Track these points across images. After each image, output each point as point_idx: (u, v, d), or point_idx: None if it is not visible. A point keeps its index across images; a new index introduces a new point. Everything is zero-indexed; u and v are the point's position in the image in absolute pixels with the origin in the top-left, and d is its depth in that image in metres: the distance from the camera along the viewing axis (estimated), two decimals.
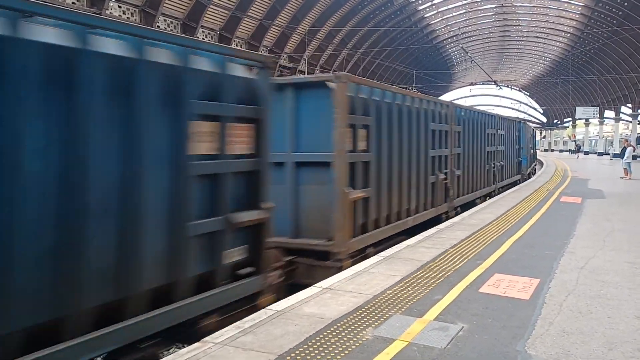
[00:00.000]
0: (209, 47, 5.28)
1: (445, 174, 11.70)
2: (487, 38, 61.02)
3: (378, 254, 7.62)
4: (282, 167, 7.37)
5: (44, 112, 3.53)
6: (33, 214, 3.46)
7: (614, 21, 40.57)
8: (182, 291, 4.60)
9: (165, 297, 4.45)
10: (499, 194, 16.92)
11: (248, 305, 5.41)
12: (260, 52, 30.43)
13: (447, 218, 11.58)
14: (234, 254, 5.26)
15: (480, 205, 13.73)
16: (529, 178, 24.57)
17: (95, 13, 21.99)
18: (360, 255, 7.86)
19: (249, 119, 5.49)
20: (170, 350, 4.86)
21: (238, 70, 5.40)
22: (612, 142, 55.93)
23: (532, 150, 30.41)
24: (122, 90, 4.05)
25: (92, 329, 3.80)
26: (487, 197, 15.90)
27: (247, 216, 5.32)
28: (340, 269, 6.95)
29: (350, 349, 4.12)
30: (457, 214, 12.32)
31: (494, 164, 16.49)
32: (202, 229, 4.81)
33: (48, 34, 3.58)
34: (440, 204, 11.42)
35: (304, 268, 7.35)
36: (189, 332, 4.75)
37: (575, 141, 66.43)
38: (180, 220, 4.55)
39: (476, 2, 49.01)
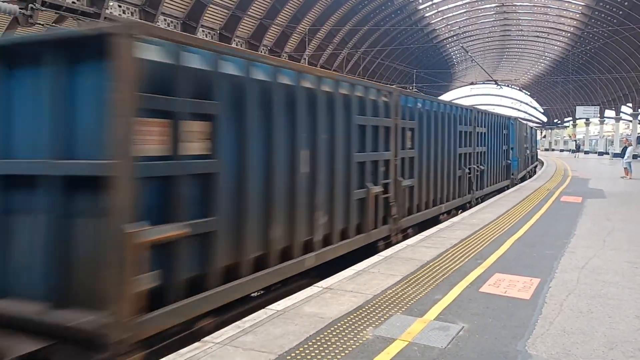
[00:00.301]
0: None
1: (385, 185, 8.47)
2: (487, 37, 60.98)
3: (378, 254, 7.60)
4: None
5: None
6: None
7: (615, 20, 40.53)
8: None
9: None
10: (477, 204, 13.89)
11: None
12: (260, 51, 30.48)
13: (388, 245, 8.48)
14: None
15: (481, 205, 13.71)
16: (523, 181, 22.03)
17: (95, 12, 22.00)
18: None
19: None
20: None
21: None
22: (612, 142, 55.89)
23: (528, 151, 27.59)
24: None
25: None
26: (461, 210, 12.80)
27: None
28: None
29: (350, 349, 4.12)
30: (406, 237, 9.31)
31: (469, 168, 13.36)
32: None
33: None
34: (373, 228, 8.09)
35: None
36: None
37: (575, 141, 66.40)
38: None
39: (476, 1, 48.97)
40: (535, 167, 32.89)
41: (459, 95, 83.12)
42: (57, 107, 4.18)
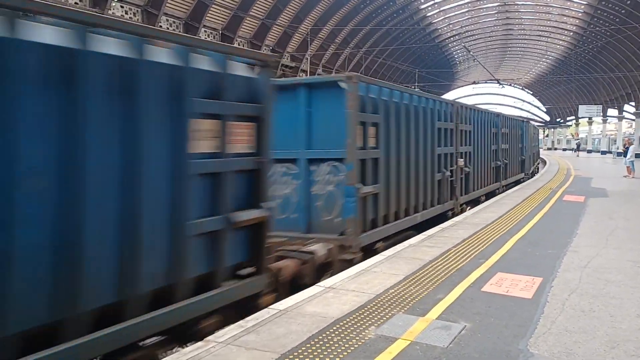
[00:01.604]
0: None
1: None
2: (489, 37, 60.87)
3: (381, 253, 7.63)
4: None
5: None
6: None
7: (617, 19, 40.43)
8: None
9: None
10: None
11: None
12: (263, 52, 30.46)
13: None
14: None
15: (483, 204, 13.72)
16: (515, 185, 20.01)
17: (97, 13, 22.02)
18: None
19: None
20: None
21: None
22: (615, 141, 55.75)
23: (521, 156, 23.13)
24: None
25: None
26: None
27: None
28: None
29: (352, 348, 4.13)
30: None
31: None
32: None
33: None
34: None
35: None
36: (190, 332, 4.75)
37: (577, 140, 66.29)
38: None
39: (479, 0, 48.91)
40: (537, 166, 32.58)
41: (462, 94, 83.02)
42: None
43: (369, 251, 7.91)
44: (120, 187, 3.97)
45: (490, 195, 16.20)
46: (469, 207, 13.44)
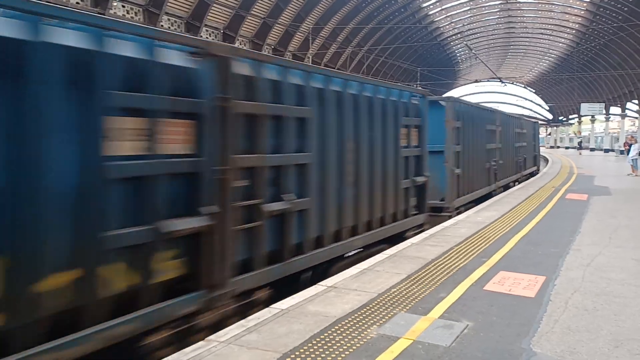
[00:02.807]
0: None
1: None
2: (491, 35, 60.70)
3: (383, 252, 7.62)
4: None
5: None
6: None
7: (620, 17, 40.27)
8: None
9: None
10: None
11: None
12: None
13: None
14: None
15: (486, 202, 13.69)
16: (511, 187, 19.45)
17: (99, 13, 22.03)
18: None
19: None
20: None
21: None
22: (617, 139, 55.56)
23: (520, 156, 22.00)
24: None
25: None
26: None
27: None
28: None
29: (354, 347, 4.12)
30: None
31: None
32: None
33: None
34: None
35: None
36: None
37: (580, 138, 66.09)
38: None
39: None
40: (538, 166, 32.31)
41: (464, 92, 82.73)
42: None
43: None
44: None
45: (483, 199, 14.78)
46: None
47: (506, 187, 18.42)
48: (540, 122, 63.32)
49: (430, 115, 10.27)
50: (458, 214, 11.79)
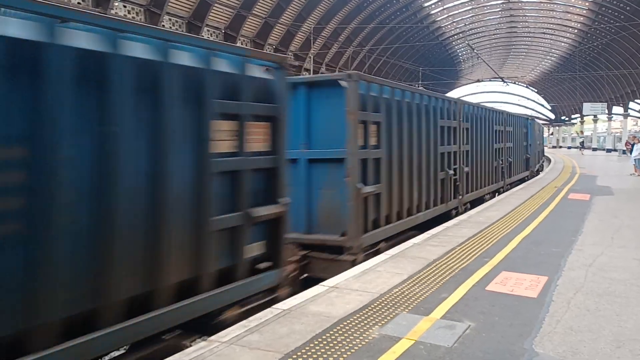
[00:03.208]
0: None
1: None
2: (493, 34, 60.66)
3: (385, 252, 7.61)
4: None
5: None
6: None
7: (622, 16, 40.19)
8: None
9: None
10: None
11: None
12: (271, 52, 30.43)
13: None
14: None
15: (487, 202, 13.67)
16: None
17: (100, 12, 22.05)
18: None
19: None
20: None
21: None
22: (620, 138, 55.48)
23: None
24: None
25: None
26: None
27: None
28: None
29: (356, 348, 4.11)
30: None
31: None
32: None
33: None
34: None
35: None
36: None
37: (583, 138, 66.01)
38: None
39: None
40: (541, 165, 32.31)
41: (466, 92, 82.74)
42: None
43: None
44: None
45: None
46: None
47: (480, 201, 14.12)
48: (542, 121, 63.21)
49: (322, 103, 7.56)
50: (370, 256, 7.63)
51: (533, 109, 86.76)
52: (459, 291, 5.62)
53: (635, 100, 53.06)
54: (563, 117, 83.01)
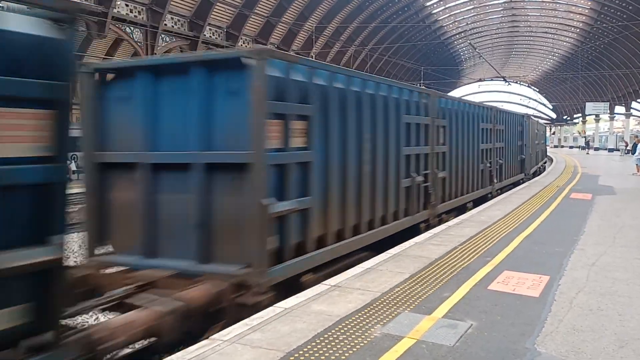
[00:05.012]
0: None
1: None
2: (495, 34, 60.61)
3: (386, 252, 7.58)
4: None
5: None
6: None
7: (624, 16, 40.12)
8: None
9: None
10: None
11: None
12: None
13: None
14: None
15: (490, 202, 13.65)
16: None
17: (102, 11, 22.07)
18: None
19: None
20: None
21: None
22: (622, 138, 55.40)
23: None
24: None
25: None
26: None
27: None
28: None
29: (358, 347, 4.11)
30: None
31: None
32: None
33: None
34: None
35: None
36: None
37: (584, 137, 65.93)
38: None
39: None
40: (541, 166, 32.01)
41: (467, 92, 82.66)
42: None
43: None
44: None
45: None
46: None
47: (463, 210, 12.24)
48: (544, 121, 63.14)
49: (223, 90, 5.65)
50: (292, 293, 5.61)
51: (535, 109, 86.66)
52: (460, 290, 5.62)
53: (638, 100, 52.99)
54: (565, 117, 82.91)
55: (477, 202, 13.52)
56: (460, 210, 12.12)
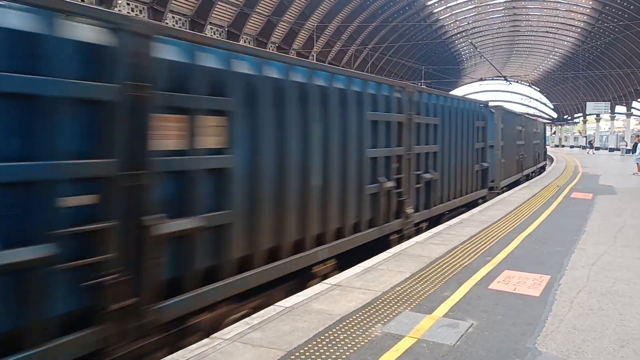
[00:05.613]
0: None
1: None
2: (496, 33, 60.50)
3: (387, 251, 7.60)
4: None
5: None
6: None
7: (626, 15, 40.06)
8: None
9: None
10: None
11: None
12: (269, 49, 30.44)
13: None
14: None
15: (490, 202, 13.65)
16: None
17: (103, 10, 22.01)
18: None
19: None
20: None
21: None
22: (623, 138, 55.32)
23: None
24: None
25: None
26: None
27: None
28: None
29: (359, 346, 4.11)
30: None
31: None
32: None
33: None
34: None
35: None
36: None
37: (585, 137, 65.89)
38: None
39: None
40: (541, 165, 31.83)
41: (469, 91, 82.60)
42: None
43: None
44: None
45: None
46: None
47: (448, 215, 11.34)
48: (544, 120, 63.07)
49: None
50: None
51: (536, 108, 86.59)
52: (461, 290, 5.62)
53: (639, 99, 52.90)
54: (566, 116, 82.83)
55: (467, 208, 12.36)
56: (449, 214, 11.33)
